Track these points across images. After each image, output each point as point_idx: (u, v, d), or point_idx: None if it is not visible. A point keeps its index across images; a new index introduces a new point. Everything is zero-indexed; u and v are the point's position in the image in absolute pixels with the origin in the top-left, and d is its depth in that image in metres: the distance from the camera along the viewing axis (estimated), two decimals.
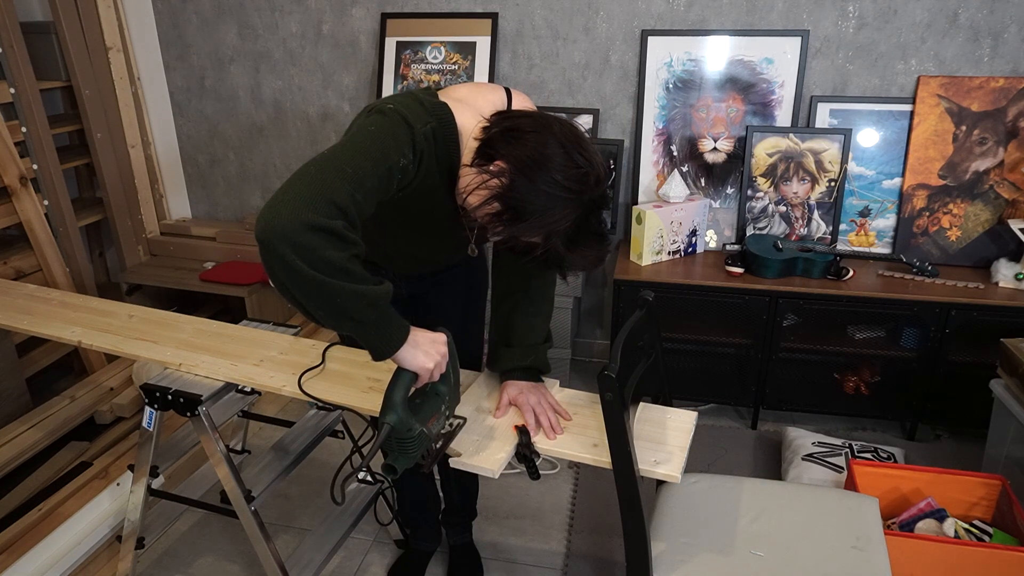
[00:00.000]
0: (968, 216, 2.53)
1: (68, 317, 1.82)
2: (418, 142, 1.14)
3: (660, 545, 1.40)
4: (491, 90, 1.29)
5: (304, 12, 2.91)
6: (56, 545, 1.88)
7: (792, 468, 2.25)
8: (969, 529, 1.82)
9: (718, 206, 2.73)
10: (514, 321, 1.45)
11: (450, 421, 1.30)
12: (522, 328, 1.44)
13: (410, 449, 1.16)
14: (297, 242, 0.97)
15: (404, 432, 1.15)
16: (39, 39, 2.70)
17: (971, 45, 2.46)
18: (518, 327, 1.44)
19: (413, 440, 1.16)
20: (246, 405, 1.98)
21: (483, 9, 2.75)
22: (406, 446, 1.16)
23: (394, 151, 1.11)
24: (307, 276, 0.99)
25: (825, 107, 2.59)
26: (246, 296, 2.86)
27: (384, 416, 1.14)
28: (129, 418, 2.48)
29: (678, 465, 1.27)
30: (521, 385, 1.40)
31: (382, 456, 1.31)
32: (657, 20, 2.64)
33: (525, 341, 1.44)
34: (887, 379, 2.51)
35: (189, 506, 1.79)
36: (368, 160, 1.07)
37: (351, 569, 2.00)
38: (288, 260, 0.97)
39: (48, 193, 2.68)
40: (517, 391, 1.39)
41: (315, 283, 0.99)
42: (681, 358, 2.61)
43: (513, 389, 1.40)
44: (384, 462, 1.18)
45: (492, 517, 2.18)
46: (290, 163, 3.17)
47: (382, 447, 1.17)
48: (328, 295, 1.01)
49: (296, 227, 0.96)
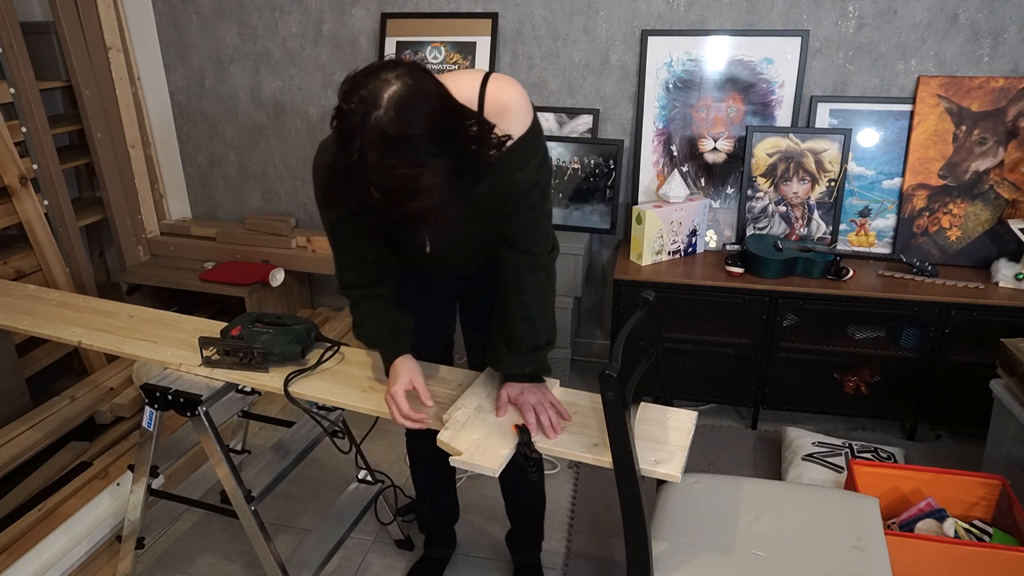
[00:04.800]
0: (968, 216, 2.53)
1: (68, 317, 1.82)
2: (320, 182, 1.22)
3: (661, 545, 1.40)
4: (465, 78, 1.25)
5: (304, 12, 2.91)
6: (56, 545, 1.88)
7: (792, 468, 2.25)
8: (969, 529, 1.82)
9: (718, 206, 2.73)
10: (514, 321, 1.39)
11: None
12: (521, 330, 1.38)
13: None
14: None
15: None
16: (39, 39, 2.70)
17: (971, 45, 2.46)
18: (518, 328, 1.39)
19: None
20: (246, 405, 1.98)
21: (483, 9, 2.75)
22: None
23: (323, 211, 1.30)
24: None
25: (825, 107, 2.59)
26: (246, 296, 2.86)
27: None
28: (129, 418, 2.48)
29: (678, 465, 1.27)
30: (522, 385, 1.40)
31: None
32: (657, 20, 2.64)
33: (525, 345, 1.39)
34: (887, 379, 2.51)
35: (189, 506, 1.79)
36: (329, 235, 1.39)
37: (351, 569, 2.00)
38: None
39: (48, 193, 2.68)
40: (518, 391, 1.39)
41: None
42: (681, 358, 2.61)
43: (514, 389, 1.39)
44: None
45: (492, 517, 2.18)
46: (290, 163, 3.17)
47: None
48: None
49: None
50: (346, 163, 1.04)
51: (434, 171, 1.04)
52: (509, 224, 1.34)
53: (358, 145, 1.02)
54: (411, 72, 1.06)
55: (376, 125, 1.01)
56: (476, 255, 1.47)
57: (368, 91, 1.03)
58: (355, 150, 1.02)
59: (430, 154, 1.03)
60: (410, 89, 1.03)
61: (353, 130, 1.02)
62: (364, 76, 1.05)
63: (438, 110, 1.06)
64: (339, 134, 1.05)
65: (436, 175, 1.04)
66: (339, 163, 1.05)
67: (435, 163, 1.04)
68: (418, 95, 1.04)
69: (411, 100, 1.03)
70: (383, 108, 1.01)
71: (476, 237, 1.39)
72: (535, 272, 1.37)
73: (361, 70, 1.07)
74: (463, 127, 1.10)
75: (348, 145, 1.03)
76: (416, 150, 1.03)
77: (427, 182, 1.04)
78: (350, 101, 1.03)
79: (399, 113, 1.02)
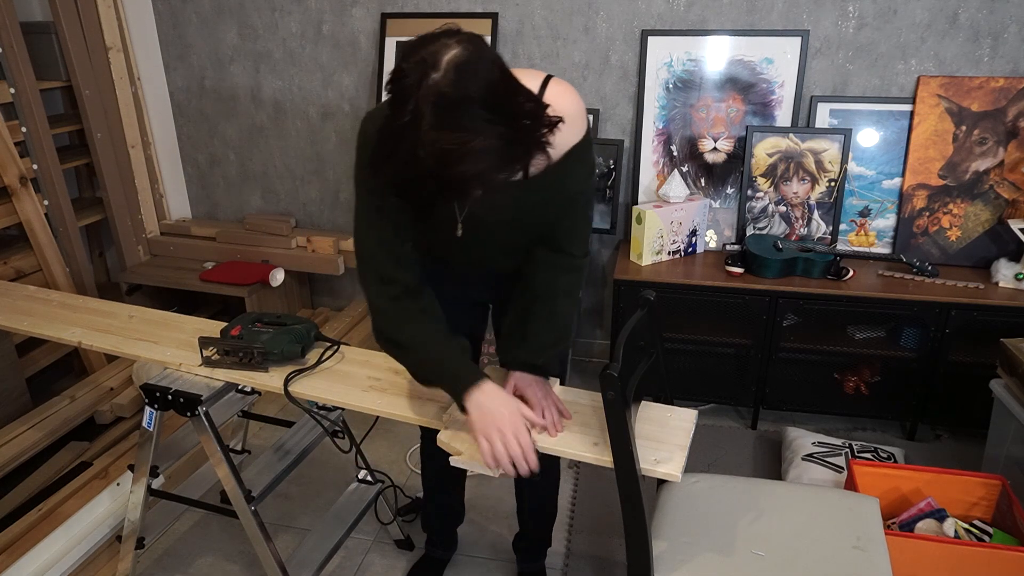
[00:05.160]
0: (968, 216, 2.53)
1: (68, 318, 1.82)
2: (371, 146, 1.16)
3: (661, 544, 1.40)
4: (526, 75, 1.24)
5: (304, 12, 2.91)
6: (56, 545, 1.88)
7: (792, 468, 2.25)
8: (969, 529, 1.82)
9: (718, 206, 2.73)
10: (539, 317, 1.42)
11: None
12: (544, 327, 1.41)
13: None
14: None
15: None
16: (39, 39, 2.70)
17: (971, 45, 2.46)
18: (542, 325, 1.41)
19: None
20: (246, 405, 1.98)
21: (483, 9, 2.75)
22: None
23: (364, 182, 1.28)
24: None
25: (825, 107, 2.59)
26: (246, 296, 2.85)
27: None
28: (129, 418, 2.48)
29: (679, 464, 1.27)
30: (528, 379, 1.41)
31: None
32: (657, 20, 2.64)
33: (543, 341, 1.42)
34: (887, 379, 2.51)
35: (189, 506, 1.79)
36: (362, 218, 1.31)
37: (351, 569, 2.00)
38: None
39: (48, 193, 2.68)
40: (525, 383, 1.40)
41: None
42: (681, 358, 2.61)
43: (523, 380, 1.41)
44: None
45: (492, 517, 2.18)
46: (290, 163, 3.17)
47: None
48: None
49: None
50: (398, 124, 1.03)
51: (487, 136, 1.03)
52: (550, 226, 1.37)
53: (412, 106, 1.02)
54: (472, 39, 1.07)
55: (434, 86, 1.01)
56: (513, 254, 1.46)
57: (428, 52, 1.03)
58: (409, 111, 1.02)
59: (484, 120, 1.03)
60: (470, 54, 1.03)
61: (409, 90, 1.02)
62: (425, 40, 1.06)
63: (496, 78, 1.06)
64: (394, 94, 1.04)
65: (488, 139, 1.04)
66: (391, 124, 1.05)
67: (487, 128, 1.03)
68: (478, 60, 1.04)
69: (471, 64, 1.03)
70: (442, 70, 1.01)
71: (514, 235, 1.40)
72: (568, 273, 1.41)
73: (421, 35, 1.07)
74: (517, 100, 1.09)
75: (402, 106, 1.02)
76: (471, 114, 1.02)
77: (479, 145, 1.03)
78: (409, 61, 1.03)
79: (458, 75, 1.01)
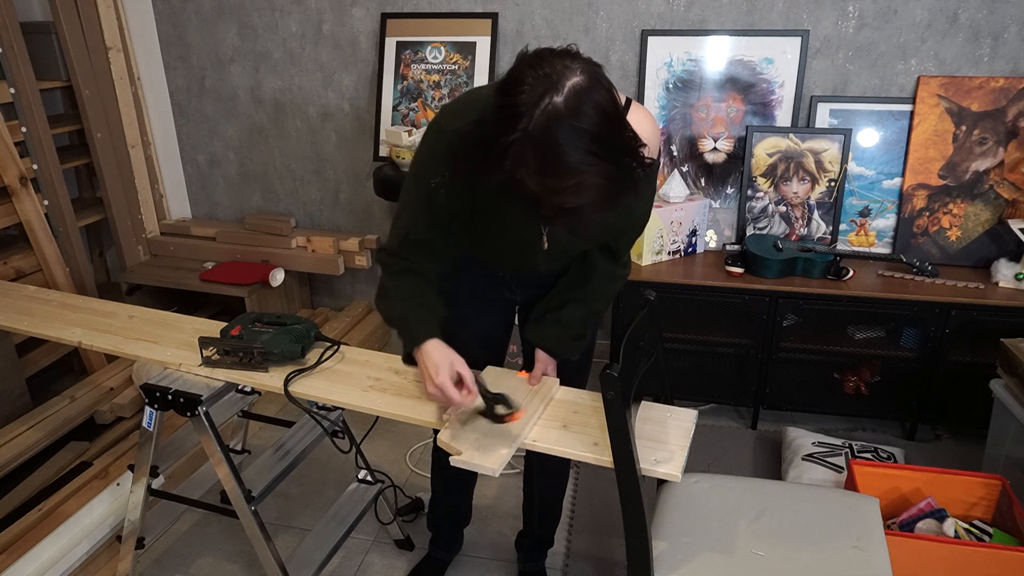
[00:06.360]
0: (968, 216, 2.53)
1: (68, 318, 1.82)
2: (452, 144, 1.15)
3: (661, 544, 1.40)
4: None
5: (304, 12, 2.91)
6: (56, 545, 1.88)
7: (792, 468, 2.25)
8: (969, 529, 1.82)
9: (718, 206, 2.73)
10: (577, 309, 1.48)
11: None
12: (580, 317, 1.48)
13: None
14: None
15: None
16: (39, 39, 2.70)
17: (971, 45, 2.46)
18: (579, 315, 1.48)
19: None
20: (246, 405, 1.98)
21: (483, 9, 2.75)
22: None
23: (424, 172, 1.25)
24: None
25: (825, 107, 2.59)
26: (246, 296, 2.86)
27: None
28: (129, 418, 2.48)
29: (679, 464, 1.27)
30: (545, 356, 1.52)
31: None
32: (657, 20, 2.64)
33: (573, 331, 1.49)
34: (887, 379, 2.51)
35: (189, 506, 1.79)
36: (409, 199, 1.30)
37: (351, 569, 2.00)
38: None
39: (48, 193, 2.68)
40: (546, 360, 1.52)
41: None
42: (681, 358, 2.61)
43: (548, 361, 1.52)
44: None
45: (492, 517, 2.18)
46: (290, 163, 3.17)
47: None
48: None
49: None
50: (505, 138, 0.98)
51: (599, 171, 1.00)
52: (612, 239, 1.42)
53: (524, 124, 0.96)
54: (592, 66, 1.02)
55: (553, 109, 0.96)
56: (567, 261, 1.49)
57: (554, 70, 0.98)
58: (519, 129, 0.97)
59: (595, 153, 0.99)
60: (592, 83, 0.99)
61: (523, 106, 0.96)
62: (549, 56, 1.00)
63: (611, 111, 1.01)
64: (505, 105, 0.99)
65: (599, 176, 1.00)
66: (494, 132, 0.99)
67: (596, 164, 0.99)
68: (598, 91, 1.00)
69: (591, 93, 0.98)
70: (563, 94, 0.97)
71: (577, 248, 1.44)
72: (613, 282, 1.48)
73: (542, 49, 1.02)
74: (625, 136, 1.05)
75: (513, 120, 0.97)
76: (583, 147, 0.98)
77: (589, 182, 1.00)
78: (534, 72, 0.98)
79: (579, 102, 0.97)
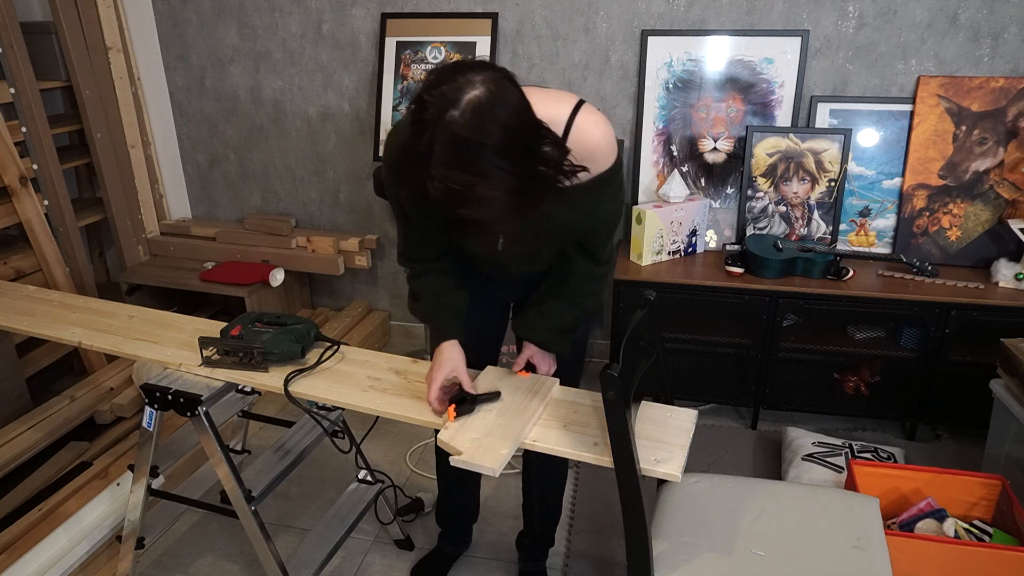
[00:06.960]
0: (968, 216, 2.53)
1: (68, 318, 1.82)
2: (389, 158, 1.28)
3: (661, 544, 1.40)
4: (556, 100, 1.23)
5: (304, 12, 2.91)
6: (56, 545, 1.88)
7: (792, 468, 2.25)
8: (969, 529, 1.82)
9: (718, 206, 2.73)
10: (562, 303, 1.49)
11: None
12: (568, 311, 1.49)
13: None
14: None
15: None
16: (39, 39, 2.70)
17: (971, 45, 2.46)
18: (566, 309, 1.49)
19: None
20: (246, 405, 1.98)
21: (483, 9, 2.75)
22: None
23: (388, 184, 1.34)
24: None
25: (825, 107, 2.59)
26: (246, 296, 2.85)
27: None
28: (129, 418, 2.48)
29: (679, 464, 1.27)
30: (537, 351, 1.54)
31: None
32: (657, 20, 2.64)
33: (558, 323, 1.50)
34: (887, 379, 2.51)
35: (189, 506, 1.79)
36: (395, 215, 1.41)
37: (351, 569, 2.00)
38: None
39: (48, 193, 2.68)
40: (540, 357, 1.55)
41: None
42: (681, 358, 2.61)
43: (530, 349, 1.54)
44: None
45: (493, 517, 2.18)
46: (290, 163, 3.17)
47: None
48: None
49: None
50: (414, 152, 1.04)
51: (493, 183, 1.02)
52: (582, 240, 1.43)
53: (427, 139, 1.01)
54: (497, 80, 1.04)
55: (449, 124, 1.00)
56: (542, 263, 1.51)
57: (450, 87, 1.01)
58: (423, 143, 1.02)
59: (496, 166, 1.02)
60: (492, 96, 1.02)
61: (426, 123, 1.01)
62: (451, 71, 1.04)
63: (515, 124, 1.04)
64: (412, 122, 1.04)
65: (494, 187, 1.03)
66: (409, 149, 1.05)
67: (497, 175, 1.02)
68: (498, 104, 1.02)
69: (489, 108, 1.01)
70: (460, 109, 1.00)
71: (545, 250, 1.45)
72: (593, 277, 1.48)
73: (451, 63, 1.06)
74: (537, 146, 1.08)
75: (419, 136, 1.02)
76: (481, 159, 1.01)
77: (483, 192, 1.02)
78: (431, 92, 1.02)
79: (474, 118, 1.00)
